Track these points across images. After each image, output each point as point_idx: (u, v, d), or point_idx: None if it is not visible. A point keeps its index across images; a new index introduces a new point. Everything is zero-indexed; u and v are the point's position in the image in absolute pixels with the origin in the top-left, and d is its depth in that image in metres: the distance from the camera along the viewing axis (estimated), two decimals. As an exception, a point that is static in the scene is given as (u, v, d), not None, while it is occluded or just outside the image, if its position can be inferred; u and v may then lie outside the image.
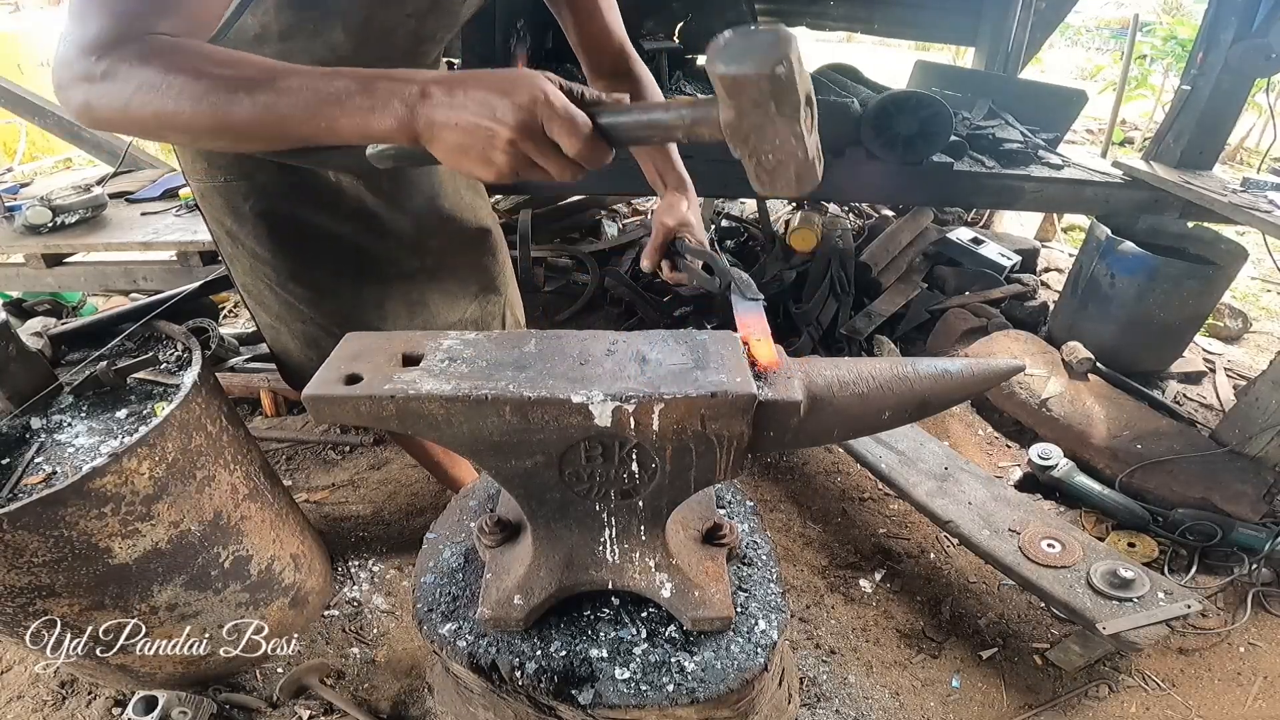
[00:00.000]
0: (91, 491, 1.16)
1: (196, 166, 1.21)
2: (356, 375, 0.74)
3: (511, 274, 1.65)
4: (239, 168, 1.19)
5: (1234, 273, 2.55)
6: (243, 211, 1.23)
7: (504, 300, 1.60)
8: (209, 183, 1.22)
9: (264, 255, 1.27)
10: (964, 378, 0.82)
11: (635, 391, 0.71)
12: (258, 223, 1.23)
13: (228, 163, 1.19)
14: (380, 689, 1.62)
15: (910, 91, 2.54)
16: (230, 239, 1.28)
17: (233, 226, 1.25)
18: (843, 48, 9.69)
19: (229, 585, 1.48)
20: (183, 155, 1.23)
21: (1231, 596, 1.87)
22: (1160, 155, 2.67)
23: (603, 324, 3.14)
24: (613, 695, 0.86)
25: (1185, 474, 2.08)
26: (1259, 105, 4.30)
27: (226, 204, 1.23)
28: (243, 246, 1.28)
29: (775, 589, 1.00)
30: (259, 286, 1.33)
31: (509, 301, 1.63)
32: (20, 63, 5.71)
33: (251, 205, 1.22)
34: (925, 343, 2.93)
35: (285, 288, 1.30)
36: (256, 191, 1.21)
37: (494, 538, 0.98)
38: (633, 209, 4.40)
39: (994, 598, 1.88)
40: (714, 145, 0.67)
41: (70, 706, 1.58)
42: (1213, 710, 1.61)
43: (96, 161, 3.21)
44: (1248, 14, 2.30)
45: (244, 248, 1.28)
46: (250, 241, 1.26)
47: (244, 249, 1.28)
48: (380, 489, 2.24)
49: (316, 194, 1.24)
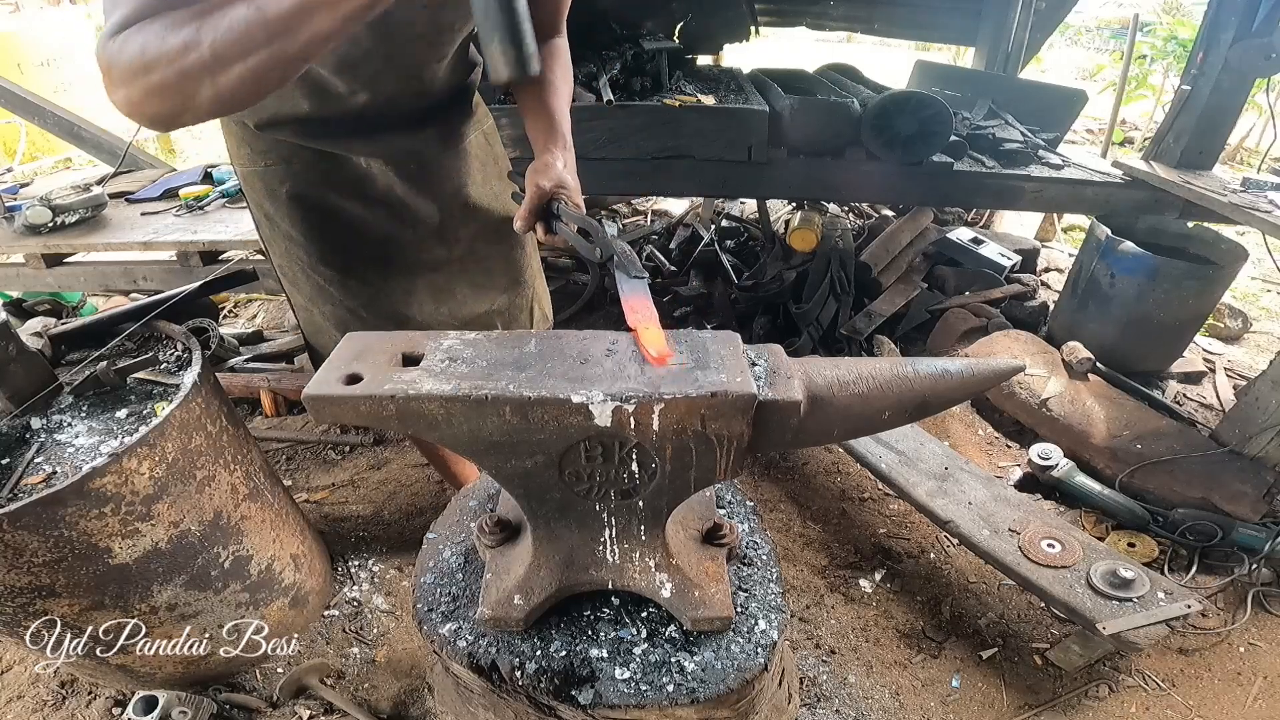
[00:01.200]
0: (91, 491, 1.16)
1: (241, 152, 1.26)
2: (357, 375, 0.74)
3: (539, 267, 1.65)
4: (277, 152, 1.23)
5: (1234, 273, 2.55)
6: (279, 195, 1.27)
7: (531, 293, 1.60)
8: (251, 167, 1.27)
9: (297, 238, 1.31)
10: (964, 378, 0.82)
11: (635, 391, 0.71)
12: (292, 206, 1.28)
13: (266, 148, 1.23)
14: (380, 689, 1.62)
15: (910, 91, 2.54)
16: (269, 221, 1.32)
17: (270, 210, 1.30)
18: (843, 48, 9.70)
19: (229, 585, 1.48)
20: (229, 142, 1.27)
21: (1231, 596, 1.87)
22: (1160, 155, 2.67)
23: (603, 324, 3.14)
24: (613, 695, 0.86)
25: (1185, 474, 2.08)
26: (1259, 105, 4.29)
27: (265, 188, 1.27)
28: (278, 229, 1.32)
29: (775, 589, 1.00)
30: (293, 269, 1.37)
31: (536, 295, 1.63)
32: (20, 63, 5.71)
33: (287, 190, 1.26)
34: (925, 343, 2.93)
35: (316, 270, 1.34)
36: (291, 176, 1.25)
37: (494, 538, 0.98)
38: (633, 209, 4.40)
39: (994, 598, 1.88)
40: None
41: (70, 706, 1.58)
42: (1213, 710, 1.61)
43: (96, 161, 3.21)
44: (1248, 14, 2.30)
45: (279, 230, 1.32)
46: (285, 224, 1.30)
47: (280, 232, 1.32)
48: (380, 489, 2.24)
49: (347, 180, 1.27)
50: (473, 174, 1.40)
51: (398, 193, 1.31)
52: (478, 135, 1.42)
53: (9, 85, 2.87)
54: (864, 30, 5.17)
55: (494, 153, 1.47)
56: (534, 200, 1.08)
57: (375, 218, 1.32)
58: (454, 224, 1.39)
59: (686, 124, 2.48)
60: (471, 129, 1.40)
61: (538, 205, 1.08)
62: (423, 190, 1.34)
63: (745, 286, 3.10)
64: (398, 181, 1.31)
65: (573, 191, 1.11)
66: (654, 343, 0.77)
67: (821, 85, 3.09)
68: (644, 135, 2.48)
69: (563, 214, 1.06)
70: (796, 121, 2.53)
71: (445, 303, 1.44)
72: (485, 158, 1.44)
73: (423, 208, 1.35)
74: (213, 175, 2.56)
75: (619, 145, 2.48)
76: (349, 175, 1.27)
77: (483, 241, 1.45)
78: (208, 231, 2.12)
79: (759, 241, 3.63)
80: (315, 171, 1.25)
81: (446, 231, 1.39)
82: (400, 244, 1.36)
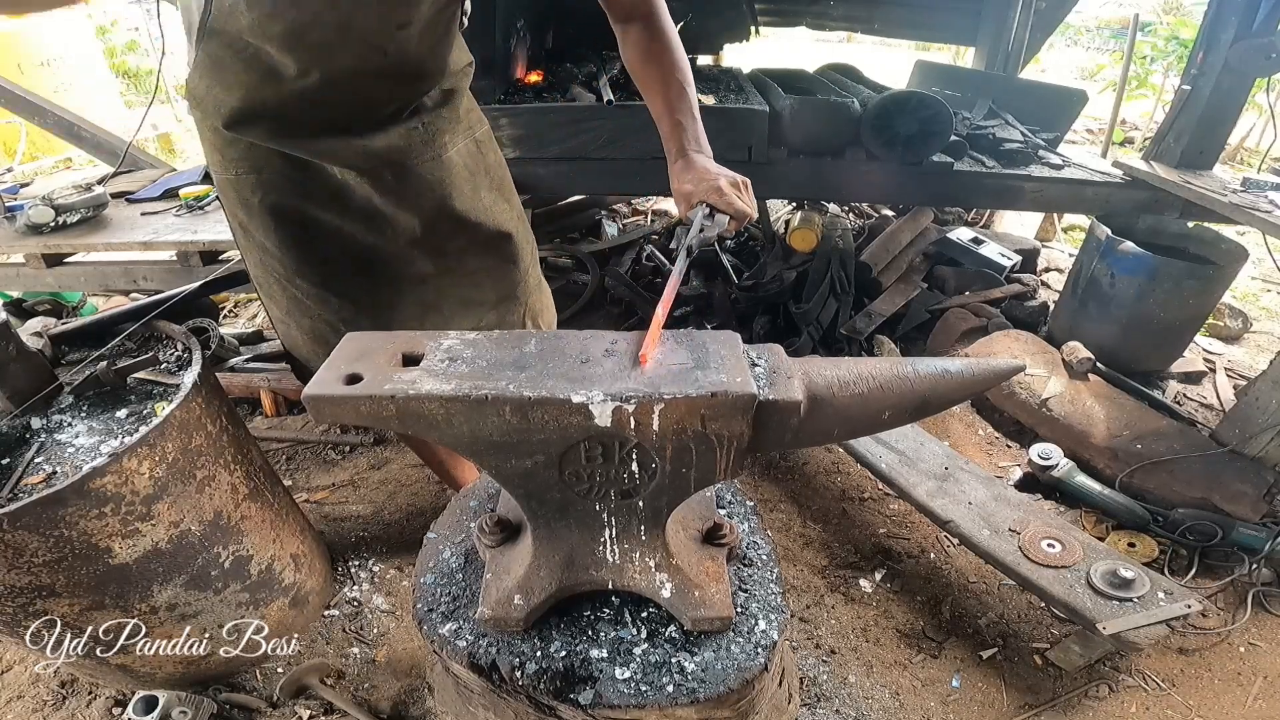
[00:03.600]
0: (91, 491, 1.16)
1: (213, 159, 1.23)
2: (357, 375, 0.74)
3: (538, 281, 1.59)
4: (249, 160, 1.20)
5: (1234, 273, 2.55)
6: (253, 205, 1.23)
7: (524, 309, 1.54)
8: (224, 175, 1.23)
9: (272, 249, 1.27)
10: (964, 378, 0.82)
11: (635, 391, 0.71)
12: (265, 216, 1.24)
13: (239, 155, 1.20)
14: (380, 689, 1.62)
15: (910, 91, 2.54)
16: (243, 231, 1.29)
17: (245, 219, 1.27)
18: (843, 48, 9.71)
19: (229, 585, 1.48)
20: (204, 149, 1.25)
21: (1231, 596, 1.87)
22: (1160, 155, 2.67)
23: (603, 324, 3.14)
24: (613, 695, 0.86)
25: (1185, 474, 2.08)
26: (1259, 105, 4.29)
27: (239, 197, 1.24)
28: (253, 240, 1.29)
29: (775, 589, 1.00)
30: (269, 281, 1.34)
31: (531, 310, 1.56)
32: (20, 63, 5.71)
33: (260, 199, 1.22)
34: (925, 343, 2.93)
35: (292, 282, 1.31)
36: (264, 185, 1.21)
37: (494, 538, 0.98)
38: (633, 209, 4.40)
39: (994, 598, 1.88)
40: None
41: (70, 706, 1.58)
42: (1213, 710, 1.61)
43: (96, 161, 3.21)
44: (1248, 14, 2.30)
45: (254, 241, 1.28)
46: (259, 235, 1.27)
47: (254, 242, 1.29)
48: (380, 489, 2.24)
49: (323, 190, 1.23)
50: (458, 185, 1.34)
51: (376, 204, 1.26)
52: (466, 143, 1.36)
53: (9, 85, 2.87)
54: (864, 30, 5.17)
55: (486, 162, 1.41)
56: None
57: (355, 229, 1.27)
58: (439, 238, 1.34)
59: (687, 124, 2.48)
60: (458, 136, 1.34)
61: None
62: (402, 202, 1.28)
63: (745, 286, 3.10)
64: (375, 193, 1.26)
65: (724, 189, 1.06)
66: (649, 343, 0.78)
67: (821, 85, 3.09)
68: (644, 135, 2.48)
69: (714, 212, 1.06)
70: (796, 121, 2.53)
71: (431, 318, 1.39)
72: (475, 167, 1.38)
73: (404, 220, 1.29)
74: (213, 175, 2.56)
75: (619, 145, 2.48)
76: (325, 186, 1.23)
77: (473, 256, 1.39)
78: (208, 231, 2.12)
79: (759, 241, 3.63)
80: (289, 182, 1.21)
81: (432, 245, 1.34)
82: (383, 256, 1.31)
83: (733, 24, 3.89)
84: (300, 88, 1.10)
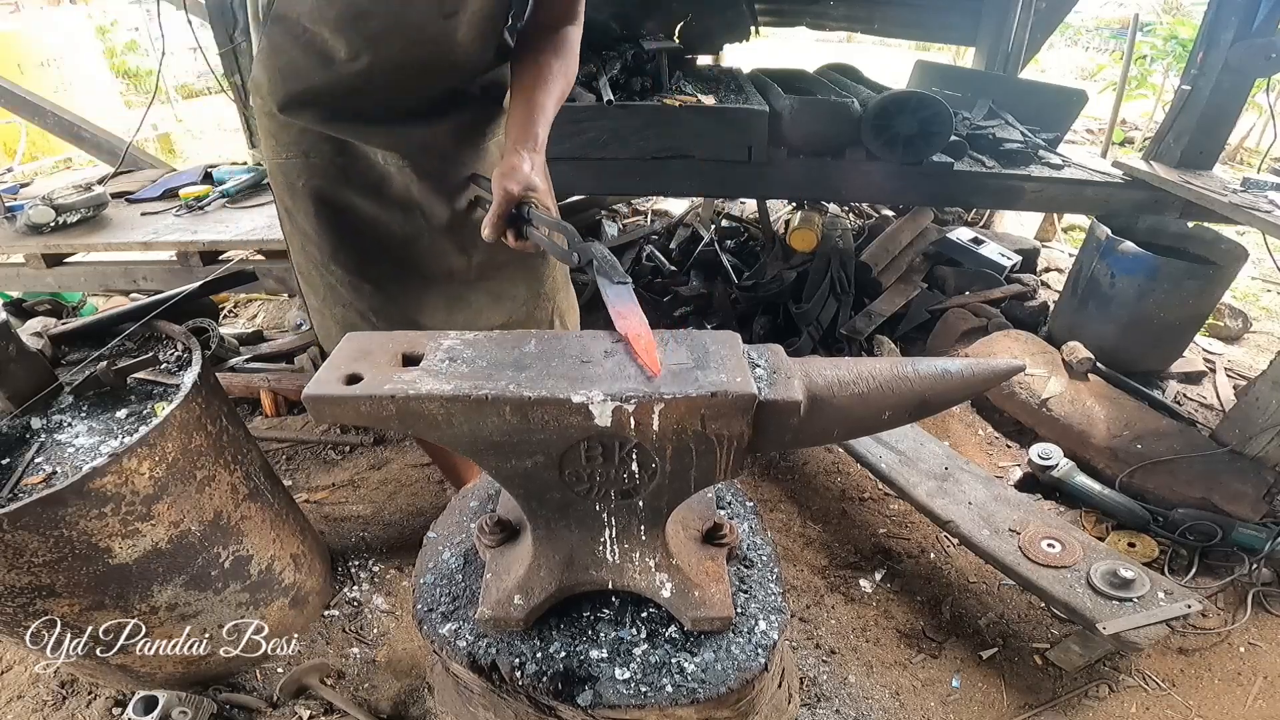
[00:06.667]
0: (91, 491, 1.16)
1: (268, 144, 1.26)
2: (357, 375, 0.74)
3: (565, 278, 1.59)
4: (298, 145, 1.23)
5: (1234, 273, 2.55)
6: (297, 188, 1.27)
7: (552, 305, 1.55)
8: (275, 159, 1.26)
9: (311, 233, 1.30)
10: (964, 378, 0.82)
11: (635, 391, 0.71)
12: (307, 200, 1.27)
13: (290, 140, 1.23)
14: (380, 689, 1.62)
15: (910, 91, 2.54)
16: (288, 216, 1.32)
17: (289, 203, 1.30)
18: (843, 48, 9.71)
19: (229, 585, 1.48)
20: (262, 135, 1.27)
21: (1231, 596, 1.87)
22: (1160, 155, 2.67)
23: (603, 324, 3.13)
24: (613, 696, 0.86)
25: (1185, 474, 2.08)
26: (1259, 105, 4.30)
27: (286, 181, 1.27)
28: (296, 225, 1.32)
29: (775, 589, 1.00)
30: (308, 266, 1.36)
31: (559, 308, 1.57)
32: (20, 63, 5.71)
33: (304, 183, 1.26)
34: (925, 343, 2.93)
35: (328, 268, 1.33)
36: (309, 170, 1.25)
37: (494, 538, 0.98)
38: (633, 209, 4.40)
39: (994, 598, 1.88)
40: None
41: (70, 706, 1.58)
42: (1213, 710, 1.61)
43: (96, 161, 3.21)
44: (1248, 14, 2.30)
45: (297, 226, 1.31)
46: (301, 218, 1.30)
47: (297, 227, 1.32)
48: (380, 489, 2.24)
49: (364, 178, 1.26)
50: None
51: (414, 194, 1.29)
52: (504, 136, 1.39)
53: (9, 85, 2.87)
54: (864, 30, 5.18)
55: None
56: (502, 205, 1.03)
57: (392, 219, 1.30)
58: (472, 230, 1.34)
59: (686, 124, 2.48)
60: (498, 128, 1.35)
61: (506, 210, 1.04)
62: (440, 191, 1.30)
63: (745, 286, 3.10)
64: (415, 180, 1.28)
65: (543, 194, 1.06)
66: (648, 351, 0.76)
67: (821, 85, 3.09)
68: (644, 135, 2.48)
69: (534, 218, 1.02)
70: (796, 121, 2.53)
71: (460, 312, 1.40)
72: None
73: (439, 212, 1.31)
74: (212, 175, 2.56)
75: (619, 145, 2.48)
76: (366, 173, 1.26)
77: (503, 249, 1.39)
78: (208, 231, 2.12)
79: (759, 241, 3.63)
80: (333, 167, 1.24)
81: (464, 237, 1.35)
82: (417, 248, 1.33)
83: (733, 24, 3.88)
84: (351, 71, 1.13)
